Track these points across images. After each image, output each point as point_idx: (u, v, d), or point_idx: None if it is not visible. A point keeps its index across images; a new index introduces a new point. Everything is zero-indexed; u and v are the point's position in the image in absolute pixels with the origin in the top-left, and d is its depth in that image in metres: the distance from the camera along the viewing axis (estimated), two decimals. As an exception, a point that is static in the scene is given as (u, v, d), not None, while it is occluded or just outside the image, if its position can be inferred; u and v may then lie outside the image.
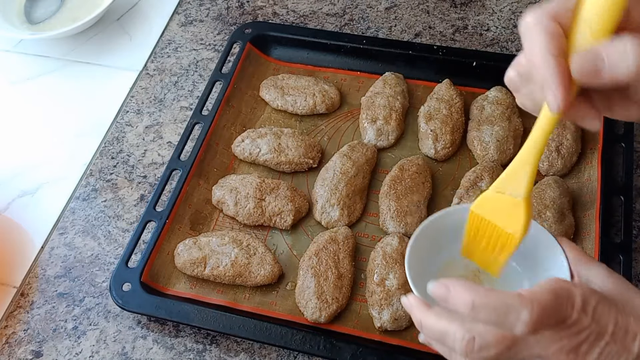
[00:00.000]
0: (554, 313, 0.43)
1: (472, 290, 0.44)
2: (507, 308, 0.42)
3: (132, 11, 1.06)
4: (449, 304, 0.45)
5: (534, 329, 0.42)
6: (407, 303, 0.50)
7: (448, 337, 0.46)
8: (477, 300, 0.43)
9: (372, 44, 0.90)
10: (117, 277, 0.71)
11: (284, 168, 0.81)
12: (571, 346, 0.44)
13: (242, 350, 0.69)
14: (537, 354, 0.45)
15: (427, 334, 0.49)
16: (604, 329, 0.44)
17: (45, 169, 0.87)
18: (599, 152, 0.77)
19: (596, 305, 0.44)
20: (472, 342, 0.44)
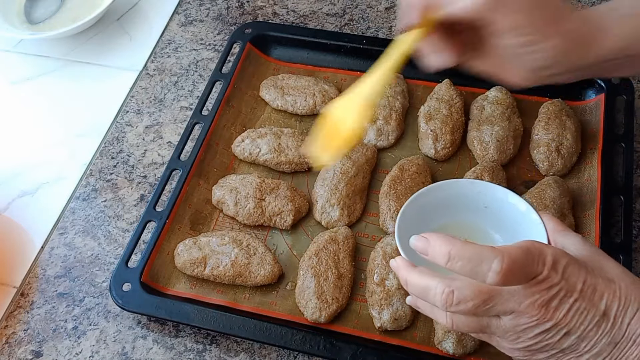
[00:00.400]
0: (523, 266, 0.46)
1: (449, 241, 0.47)
2: (480, 258, 0.46)
3: (132, 11, 1.06)
4: (429, 256, 0.49)
5: (504, 279, 0.46)
6: (394, 264, 0.53)
7: (430, 292, 0.49)
8: (454, 251, 0.47)
9: (372, 44, 0.90)
10: (117, 277, 0.71)
11: (284, 168, 0.81)
12: (542, 301, 0.47)
13: (242, 350, 0.69)
14: (511, 308, 0.47)
15: (411, 290, 0.52)
16: (573, 287, 0.47)
17: (45, 169, 0.87)
18: (599, 152, 0.77)
19: (566, 265, 0.47)
20: (452, 295, 0.48)
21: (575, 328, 0.47)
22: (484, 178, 0.75)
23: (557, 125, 0.78)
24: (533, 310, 0.47)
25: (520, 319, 0.48)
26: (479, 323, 0.50)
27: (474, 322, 0.50)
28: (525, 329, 0.48)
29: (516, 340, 0.49)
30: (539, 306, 0.47)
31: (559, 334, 0.48)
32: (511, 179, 0.78)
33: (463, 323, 0.50)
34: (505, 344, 0.51)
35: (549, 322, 0.47)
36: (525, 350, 0.50)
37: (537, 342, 0.49)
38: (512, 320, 0.48)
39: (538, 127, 0.80)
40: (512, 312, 0.48)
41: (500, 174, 0.76)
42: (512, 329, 0.49)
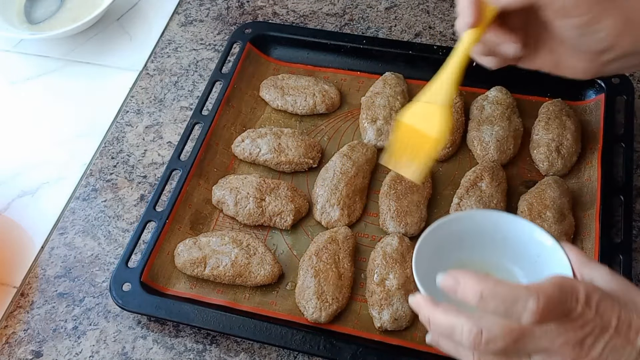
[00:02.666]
0: (559, 304, 0.44)
1: (481, 280, 0.45)
2: (515, 297, 0.43)
3: (132, 11, 1.06)
4: (458, 295, 0.46)
5: (540, 318, 0.43)
6: (415, 302, 0.51)
7: (456, 331, 0.46)
8: (486, 291, 0.44)
9: (372, 44, 0.90)
10: (117, 277, 0.71)
11: (284, 168, 0.81)
12: (576, 339, 0.45)
13: (242, 350, 0.69)
14: (544, 347, 0.45)
15: (434, 330, 0.49)
16: (607, 323, 0.45)
17: (45, 169, 0.87)
18: (599, 152, 0.77)
19: (599, 300, 0.45)
20: (480, 335, 0.45)
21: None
22: (484, 178, 0.75)
23: (557, 125, 0.78)
24: (567, 349, 0.45)
25: (553, 358, 0.45)
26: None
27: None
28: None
29: None
30: (573, 345, 0.45)
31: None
32: (511, 179, 0.78)
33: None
34: None
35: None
36: None
37: None
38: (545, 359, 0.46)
39: (538, 127, 0.80)
40: (545, 350, 0.45)
41: (500, 174, 0.76)
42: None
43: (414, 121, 0.58)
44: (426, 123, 0.57)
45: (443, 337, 0.50)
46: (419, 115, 0.57)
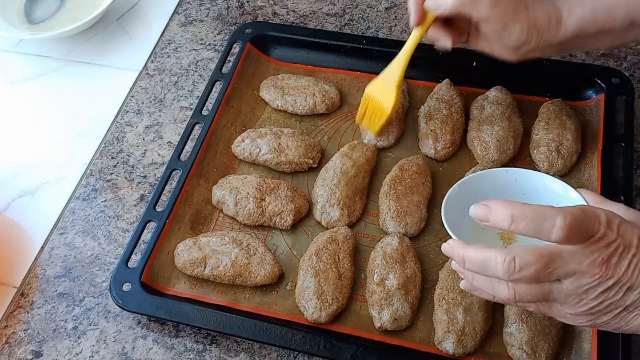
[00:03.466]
0: (583, 223, 0.47)
1: (510, 204, 0.49)
2: (544, 216, 0.47)
3: (132, 11, 1.06)
4: (490, 221, 0.49)
5: (567, 234, 0.47)
6: (448, 246, 0.54)
7: (490, 263, 0.50)
8: (516, 212, 0.48)
9: (372, 44, 0.90)
10: (117, 277, 0.71)
11: (284, 168, 0.81)
12: (602, 259, 0.48)
13: (242, 350, 0.69)
14: (573, 269, 0.48)
15: (469, 266, 0.52)
16: (629, 242, 0.49)
17: (45, 169, 0.87)
18: (599, 152, 0.77)
19: (620, 223, 0.49)
20: (514, 262, 0.48)
21: (637, 283, 0.49)
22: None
23: (557, 125, 0.78)
24: (594, 268, 0.48)
25: (582, 279, 0.49)
26: (541, 290, 0.50)
27: (536, 289, 0.50)
28: (587, 289, 0.49)
29: (579, 304, 0.50)
30: (599, 264, 0.48)
31: (621, 290, 0.49)
32: (511, 179, 0.78)
33: (525, 292, 0.50)
34: (567, 310, 0.52)
35: (611, 279, 0.48)
36: (588, 313, 0.51)
37: (601, 302, 0.50)
38: (574, 282, 0.49)
39: (538, 127, 0.80)
40: (574, 273, 0.48)
41: (500, 174, 0.76)
42: (575, 291, 0.49)
43: (374, 93, 0.78)
44: (382, 96, 0.78)
45: (477, 274, 0.53)
46: (377, 90, 0.78)
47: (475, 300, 0.67)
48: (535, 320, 0.65)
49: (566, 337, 0.66)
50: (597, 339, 0.64)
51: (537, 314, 0.65)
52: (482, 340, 0.66)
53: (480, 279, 0.53)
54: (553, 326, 0.65)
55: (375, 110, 0.78)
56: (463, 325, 0.65)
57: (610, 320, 0.51)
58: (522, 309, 0.65)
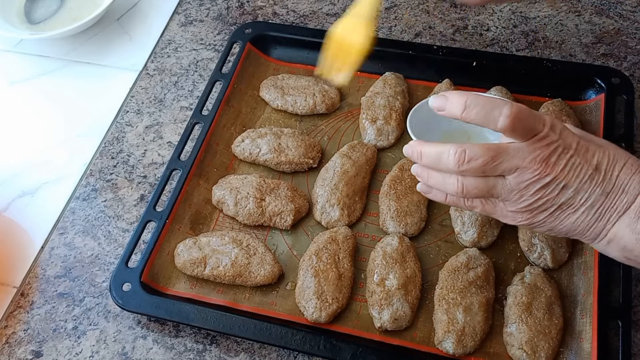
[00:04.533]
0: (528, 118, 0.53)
1: (465, 94, 0.54)
2: (493, 105, 0.52)
3: (132, 11, 1.06)
4: (446, 109, 0.54)
5: (512, 122, 0.52)
6: (408, 146, 0.59)
7: (443, 155, 0.55)
8: (469, 100, 0.53)
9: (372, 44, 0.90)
10: (117, 277, 0.71)
11: (284, 168, 0.81)
12: (543, 156, 0.53)
13: (242, 350, 0.69)
14: (516, 164, 0.53)
15: (425, 161, 0.57)
16: (569, 145, 0.54)
17: (45, 169, 0.87)
18: (599, 152, 0.77)
19: (563, 128, 0.55)
20: (464, 154, 0.53)
21: (571, 181, 0.54)
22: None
23: None
24: (535, 164, 0.53)
25: (524, 174, 0.53)
26: (486, 184, 0.55)
27: (482, 182, 0.55)
28: (527, 185, 0.54)
29: (519, 200, 0.55)
30: (540, 161, 0.53)
31: (557, 188, 0.54)
32: (511, 179, 0.78)
33: (472, 185, 0.55)
34: (509, 208, 0.56)
35: (549, 176, 0.53)
36: (527, 210, 0.56)
37: (538, 198, 0.55)
38: (517, 177, 0.54)
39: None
40: (517, 168, 0.53)
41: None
42: (517, 187, 0.54)
43: (342, 35, 0.70)
44: (352, 35, 0.69)
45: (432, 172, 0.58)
46: (346, 30, 0.70)
47: (475, 300, 0.67)
48: (535, 320, 0.65)
49: (566, 337, 0.66)
50: (597, 339, 0.64)
51: (536, 315, 0.65)
52: (482, 340, 0.66)
53: (434, 175, 0.58)
54: (553, 326, 0.65)
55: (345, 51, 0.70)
56: (463, 325, 0.65)
57: (546, 219, 0.56)
58: (521, 311, 0.65)
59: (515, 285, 0.68)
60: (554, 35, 0.95)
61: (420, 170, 0.60)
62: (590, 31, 0.95)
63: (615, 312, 0.65)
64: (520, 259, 0.72)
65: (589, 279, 0.68)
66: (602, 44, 0.93)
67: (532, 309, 0.66)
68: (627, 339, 0.64)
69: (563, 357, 0.65)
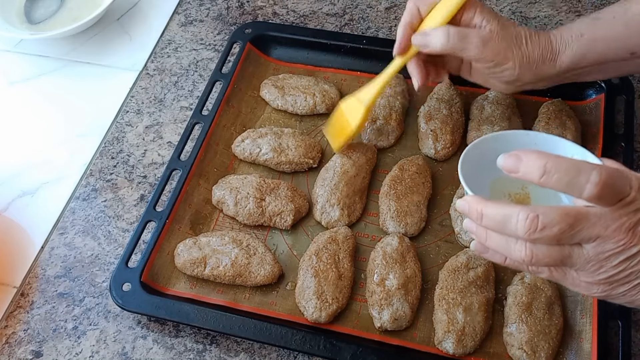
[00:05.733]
0: (617, 181, 0.45)
1: (544, 154, 0.46)
2: (578, 169, 0.45)
3: (132, 11, 1.06)
4: (520, 172, 0.47)
5: (601, 191, 0.44)
6: (464, 202, 0.51)
7: (511, 220, 0.47)
8: (549, 164, 0.45)
9: (372, 44, 0.90)
10: (117, 277, 0.71)
11: (284, 168, 0.81)
12: (630, 224, 0.46)
13: (242, 350, 0.69)
14: (597, 233, 0.46)
15: (487, 223, 0.49)
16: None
17: (45, 169, 0.87)
18: (599, 152, 0.77)
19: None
20: (537, 220, 0.46)
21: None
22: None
23: (557, 125, 0.78)
24: (620, 234, 0.46)
25: (606, 244, 0.46)
26: (560, 253, 0.48)
27: (555, 251, 0.48)
28: (609, 256, 0.47)
29: (598, 271, 0.48)
30: (626, 230, 0.46)
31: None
32: (511, 179, 0.78)
33: (543, 254, 0.48)
34: (583, 278, 0.49)
35: (636, 247, 0.46)
36: (606, 282, 0.49)
37: (621, 270, 0.47)
38: (597, 247, 0.47)
39: (538, 127, 0.80)
40: (598, 237, 0.46)
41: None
42: (596, 257, 0.47)
43: (345, 109, 0.77)
44: (351, 114, 0.76)
45: (492, 233, 0.50)
46: (349, 107, 0.76)
47: (475, 300, 0.67)
48: (535, 320, 0.65)
49: (566, 337, 0.66)
50: (597, 339, 0.64)
51: (536, 315, 0.65)
52: (482, 340, 0.66)
53: (495, 238, 0.50)
54: (553, 326, 0.65)
55: (343, 125, 0.77)
56: (463, 325, 0.65)
57: (627, 292, 0.49)
58: (521, 311, 0.65)
59: (515, 285, 0.68)
60: (554, 35, 0.94)
61: (476, 229, 0.51)
62: (590, 31, 0.94)
63: (615, 312, 0.65)
64: (520, 259, 0.72)
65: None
66: (602, 44, 0.93)
67: (532, 309, 0.66)
68: (627, 339, 0.64)
69: (563, 357, 0.65)
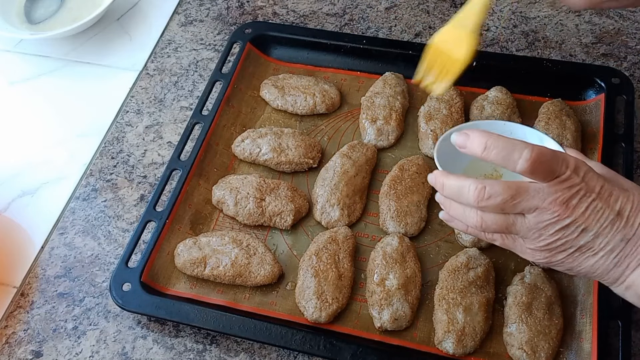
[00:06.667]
0: (550, 160, 0.51)
1: (486, 134, 0.53)
2: (513, 147, 0.51)
3: (132, 11, 1.06)
4: (467, 147, 0.54)
5: (532, 166, 0.51)
6: (431, 175, 0.58)
7: (464, 189, 0.54)
8: (490, 141, 0.52)
9: (372, 44, 0.90)
10: (117, 277, 0.71)
11: (284, 168, 0.81)
12: (564, 198, 0.52)
13: (242, 350, 0.69)
14: (535, 205, 0.52)
15: (447, 192, 0.57)
16: (591, 189, 0.52)
17: (45, 169, 0.87)
18: (599, 152, 0.77)
19: (587, 171, 0.53)
20: (484, 191, 0.53)
21: (592, 225, 0.52)
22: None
23: (557, 125, 0.78)
24: (555, 206, 0.52)
25: (543, 215, 0.52)
26: (505, 220, 0.54)
27: (501, 219, 0.54)
28: (547, 226, 0.53)
29: (538, 239, 0.54)
30: (560, 203, 0.52)
31: (577, 230, 0.53)
32: (511, 179, 0.78)
33: (491, 220, 0.54)
34: (528, 245, 0.56)
35: (569, 218, 0.52)
36: (546, 249, 0.55)
37: (557, 239, 0.53)
38: (536, 217, 0.53)
39: (538, 127, 0.80)
40: (536, 208, 0.52)
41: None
42: (535, 226, 0.53)
43: (443, 45, 0.68)
44: (454, 46, 0.67)
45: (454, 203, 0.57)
46: (447, 40, 0.67)
47: (475, 300, 0.67)
48: (535, 320, 0.65)
49: (566, 337, 0.66)
50: (597, 339, 0.64)
51: (536, 315, 0.65)
52: (482, 340, 0.66)
53: (455, 207, 0.57)
54: (553, 326, 0.65)
55: (445, 63, 0.69)
56: (463, 325, 0.65)
57: (565, 259, 0.55)
58: (521, 311, 0.65)
59: (515, 285, 0.68)
60: (554, 35, 0.95)
61: (442, 200, 0.60)
62: (590, 31, 0.95)
63: (615, 312, 0.65)
64: (520, 259, 0.72)
65: (589, 279, 0.68)
66: (602, 44, 0.93)
67: (532, 309, 0.66)
68: (627, 339, 0.64)
69: (563, 357, 0.65)
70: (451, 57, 0.68)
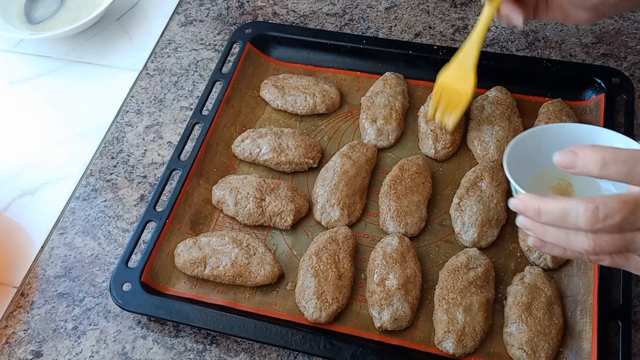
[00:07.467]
0: None
1: (600, 148, 0.46)
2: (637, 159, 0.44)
3: (132, 11, 1.06)
4: (578, 167, 0.47)
5: None
6: (517, 201, 0.51)
7: (570, 214, 0.46)
8: (607, 156, 0.45)
9: (372, 44, 0.90)
10: (117, 277, 0.71)
11: (284, 168, 0.81)
12: None
13: (242, 350, 0.69)
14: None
15: (546, 219, 0.49)
16: None
17: (45, 169, 0.87)
18: (599, 152, 0.77)
19: None
20: (597, 211, 0.45)
21: None
22: (484, 178, 0.75)
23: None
24: None
25: None
26: (623, 239, 0.47)
27: (618, 239, 0.47)
28: None
29: None
30: None
31: None
32: (511, 179, 0.78)
33: (606, 242, 0.47)
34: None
35: None
36: None
37: None
38: None
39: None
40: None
41: (500, 174, 0.76)
42: None
43: (448, 81, 0.75)
44: (459, 84, 0.74)
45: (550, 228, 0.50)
46: (452, 78, 0.75)
47: (475, 300, 0.67)
48: (535, 320, 0.65)
49: (566, 337, 0.66)
50: (597, 339, 0.64)
51: (536, 315, 0.65)
52: (482, 340, 0.66)
53: (553, 232, 0.50)
54: (553, 326, 0.65)
55: (452, 98, 0.75)
56: (463, 325, 0.65)
57: None
58: (521, 311, 0.65)
59: (515, 285, 0.68)
60: (554, 35, 0.95)
61: (532, 226, 0.51)
62: (590, 31, 0.95)
63: (615, 312, 0.65)
64: (520, 259, 0.72)
65: (589, 279, 0.68)
66: (602, 44, 0.93)
67: (532, 309, 0.66)
68: (627, 339, 0.64)
69: (563, 357, 0.65)
70: (458, 92, 0.75)
